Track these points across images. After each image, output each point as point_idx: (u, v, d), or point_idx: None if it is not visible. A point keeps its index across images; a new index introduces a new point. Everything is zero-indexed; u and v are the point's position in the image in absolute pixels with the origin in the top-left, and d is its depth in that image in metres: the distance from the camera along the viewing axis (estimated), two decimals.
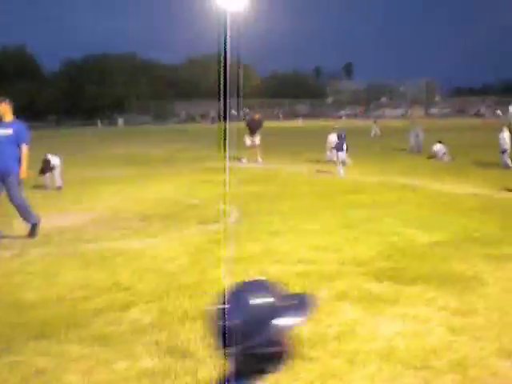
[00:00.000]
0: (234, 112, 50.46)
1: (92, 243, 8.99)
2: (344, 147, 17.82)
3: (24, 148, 9.36)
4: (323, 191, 13.79)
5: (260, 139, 22.85)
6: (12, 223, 9.99)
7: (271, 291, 1.70)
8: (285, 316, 1.65)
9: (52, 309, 6.08)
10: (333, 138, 20.28)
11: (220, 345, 1.65)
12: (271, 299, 1.66)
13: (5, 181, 9.28)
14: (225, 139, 19.69)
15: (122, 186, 15.68)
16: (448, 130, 40.77)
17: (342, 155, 17.68)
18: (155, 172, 19.29)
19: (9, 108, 9.45)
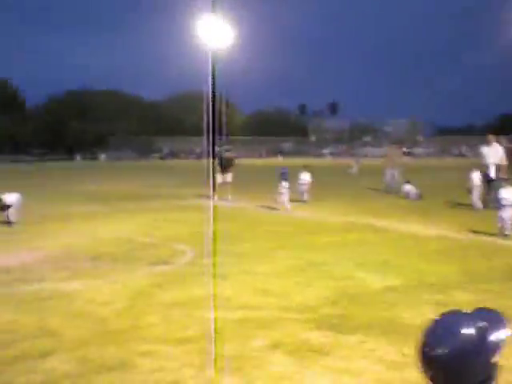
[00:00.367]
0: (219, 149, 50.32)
1: (32, 284, 8.60)
2: (284, 184, 18.11)
3: None
4: (284, 232, 13.47)
5: (232, 176, 22.60)
6: None
7: (466, 315, 1.72)
8: (495, 331, 1.66)
9: None
10: (303, 176, 20.33)
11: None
12: (479, 323, 1.67)
13: None
14: (212, 177, 19.54)
15: (81, 224, 15.24)
16: (427, 170, 40.91)
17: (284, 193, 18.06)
18: (121, 209, 18.85)
19: None
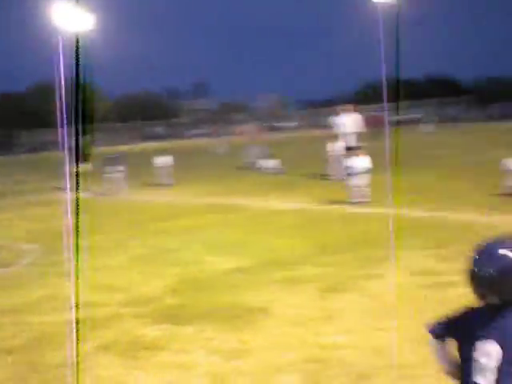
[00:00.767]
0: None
1: None
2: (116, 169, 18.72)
3: None
4: (141, 220, 12.86)
5: (91, 166, 21.84)
6: None
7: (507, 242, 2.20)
8: None
9: None
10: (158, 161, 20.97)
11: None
12: None
13: None
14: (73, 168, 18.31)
15: None
16: (294, 144, 41.43)
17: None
18: None
19: None
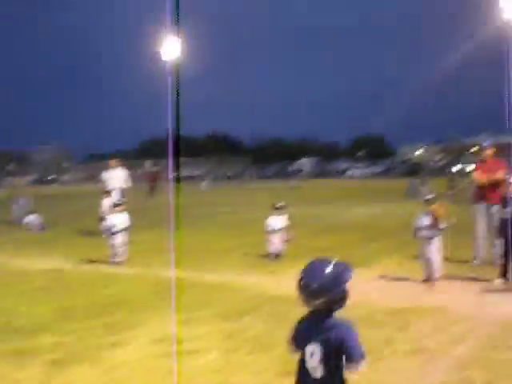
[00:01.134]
0: None
1: None
2: None
3: None
4: None
5: None
6: None
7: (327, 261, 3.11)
8: (346, 271, 3.07)
9: None
10: None
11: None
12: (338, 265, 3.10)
13: None
14: None
15: None
16: (69, 197, 39.82)
17: None
18: None
19: None
